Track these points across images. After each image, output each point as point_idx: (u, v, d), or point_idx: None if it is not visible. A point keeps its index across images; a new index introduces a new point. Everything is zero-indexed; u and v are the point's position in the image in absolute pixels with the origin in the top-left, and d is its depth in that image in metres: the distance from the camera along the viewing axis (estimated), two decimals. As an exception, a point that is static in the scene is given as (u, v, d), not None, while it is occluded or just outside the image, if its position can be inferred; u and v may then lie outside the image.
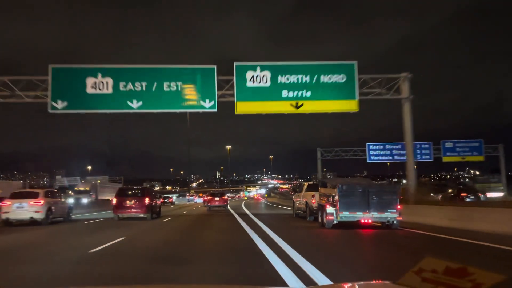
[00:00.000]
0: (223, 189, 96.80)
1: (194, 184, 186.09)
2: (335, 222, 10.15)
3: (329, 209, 10.22)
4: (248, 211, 22.22)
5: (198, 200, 50.17)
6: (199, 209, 29.03)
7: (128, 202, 15.74)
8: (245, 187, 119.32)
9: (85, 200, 28.30)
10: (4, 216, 13.29)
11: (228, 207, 27.00)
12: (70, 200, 21.23)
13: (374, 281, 2.09)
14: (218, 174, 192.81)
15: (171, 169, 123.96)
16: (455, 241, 7.91)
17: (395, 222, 10.13)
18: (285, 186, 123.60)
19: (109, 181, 49.35)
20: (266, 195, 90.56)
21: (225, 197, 28.29)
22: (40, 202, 13.44)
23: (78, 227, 13.31)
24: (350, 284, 1.81)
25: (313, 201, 13.28)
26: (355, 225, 10.67)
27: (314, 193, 13.36)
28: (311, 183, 16.36)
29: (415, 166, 17.89)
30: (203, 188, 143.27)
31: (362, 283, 1.94)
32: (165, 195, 46.44)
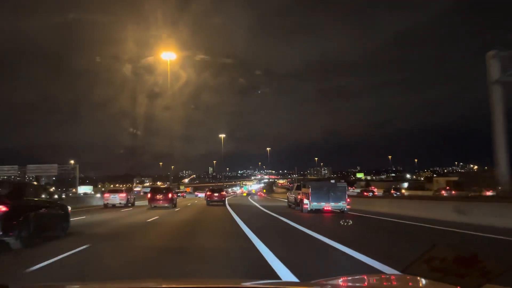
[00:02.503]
0: (217, 184, 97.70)
1: (186, 180, 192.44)
2: (309, 209, 17.52)
3: (305, 201, 17.62)
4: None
5: (201, 195, 58.97)
6: (200, 201, 38.24)
7: (158, 196, 24.52)
8: (241, 182, 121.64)
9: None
10: (105, 202, 26.04)
11: (227, 205, 27.93)
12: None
13: (382, 275, 2.28)
14: (210, 169, 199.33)
15: (160, 164, 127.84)
16: (377, 219, 15.12)
17: (345, 209, 17.53)
18: (283, 181, 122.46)
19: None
20: (264, 190, 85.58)
21: (223, 192, 31.24)
22: (124, 195, 26.47)
23: (137, 209, 22.64)
24: (359, 276, 2.02)
25: (299, 196, 20.68)
26: (321, 211, 17.98)
27: (299, 191, 20.77)
28: (299, 184, 23.73)
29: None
30: (194, 183, 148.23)
31: (371, 275, 2.19)
32: (177, 191, 57.09)
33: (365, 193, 49.00)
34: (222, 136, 73.76)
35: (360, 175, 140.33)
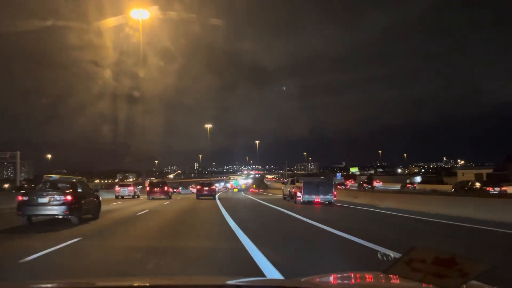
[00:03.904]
0: (209, 179, 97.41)
1: (171, 176, 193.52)
2: (302, 201, 20.36)
3: (298, 194, 20.46)
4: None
5: (194, 190, 61.57)
6: (191, 195, 42.67)
7: (155, 189, 28.96)
8: (228, 177, 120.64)
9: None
10: (116, 194, 30.32)
11: (217, 200, 27.46)
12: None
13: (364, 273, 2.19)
14: (196, 165, 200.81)
15: (144, 158, 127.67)
16: (358, 209, 18.10)
17: (332, 201, 20.45)
18: (271, 176, 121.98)
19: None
20: (254, 186, 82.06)
21: (213, 187, 31.78)
22: (132, 188, 31.20)
23: (140, 200, 27.10)
24: (339, 274, 2.00)
25: (293, 190, 23.51)
26: (311, 203, 20.84)
27: (293, 185, 23.59)
28: (293, 179, 26.52)
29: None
30: (180, 179, 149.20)
31: (351, 273, 2.16)
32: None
33: (365, 185, 52.76)
34: (208, 126, 71.09)
35: (354, 170, 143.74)
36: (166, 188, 29.41)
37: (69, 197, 10.55)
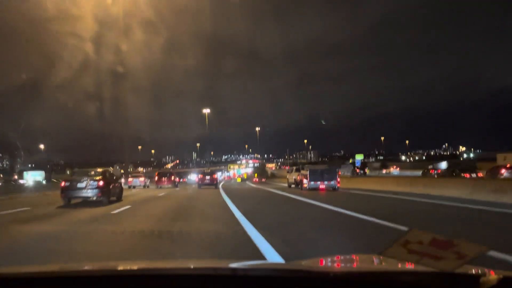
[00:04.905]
0: (210, 168, 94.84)
1: (169, 165, 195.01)
2: (307, 187, 21.67)
3: (305, 181, 21.76)
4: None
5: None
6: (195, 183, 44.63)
7: (163, 179, 31.85)
8: (229, 166, 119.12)
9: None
10: (129, 184, 33.04)
11: (221, 189, 26.53)
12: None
13: (358, 255, 2.23)
14: (194, 155, 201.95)
15: (139, 147, 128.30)
16: (359, 193, 19.44)
17: (336, 187, 21.77)
18: (271, 165, 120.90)
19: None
20: (256, 175, 78.59)
21: (215, 176, 31.51)
22: (143, 178, 34.50)
23: (150, 189, 28.86)
24: (333, 257, 2.01)
25: (298, 177, 24.77)
26: (317, 189, 22.11)
27: (298, 173, 24.82)
28: (297, 167, 27.68)
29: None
30: (177, 169, 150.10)
31: (347, 256, 2.16)
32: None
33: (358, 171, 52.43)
34: (206, 111, 67.94)
35: (359, 157, 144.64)
36: (172, 177, 32.83)
37: (101, 183, 12.82)
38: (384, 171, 64.44)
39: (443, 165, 69.04)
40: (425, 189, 16.26)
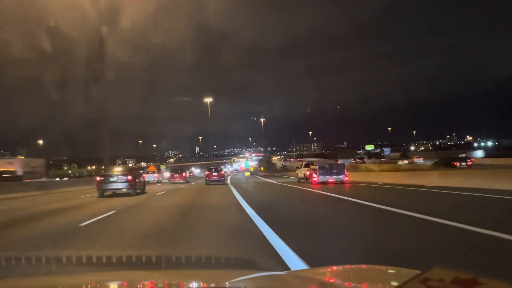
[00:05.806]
0: (206, 163, 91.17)
1: (172, 160, 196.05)
2: (318, 182, 22.88)
3: (314, 175, 22.96)
4: None
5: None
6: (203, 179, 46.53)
7: (175, 175, 34.35)
8: (233, 159, 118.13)
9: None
10: (144, 179, 32.19)
11: (229, 183, 27.89)
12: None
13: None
14: (197, 149, 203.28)
15: (140, 142, 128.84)
16: (366, 185, 20.57)
17: (343, 181, 22.96)
18: (276, 158, 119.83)
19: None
20: (262, 168, 77.31)
21: (222, 172, 31.06)
22: (157, 174, 38.87)
23: (164, 184, 32.51)
24: (346, 267, 2.02)
25: (307, 173, 25.93)
26: (326, 183, 23.26)
27: (307, 168, 25.99)
28: (306, 163, 28.75)
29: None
30: (180, 163, 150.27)
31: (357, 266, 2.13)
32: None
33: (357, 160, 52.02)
34: (209, 100, 62.10)
35: (370, 147, 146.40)
36: (184, 174, 35.97)
37: (129, 177, 14.86)
38: (405, 161, 58.99)
39: (479, 153, 64.83)
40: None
